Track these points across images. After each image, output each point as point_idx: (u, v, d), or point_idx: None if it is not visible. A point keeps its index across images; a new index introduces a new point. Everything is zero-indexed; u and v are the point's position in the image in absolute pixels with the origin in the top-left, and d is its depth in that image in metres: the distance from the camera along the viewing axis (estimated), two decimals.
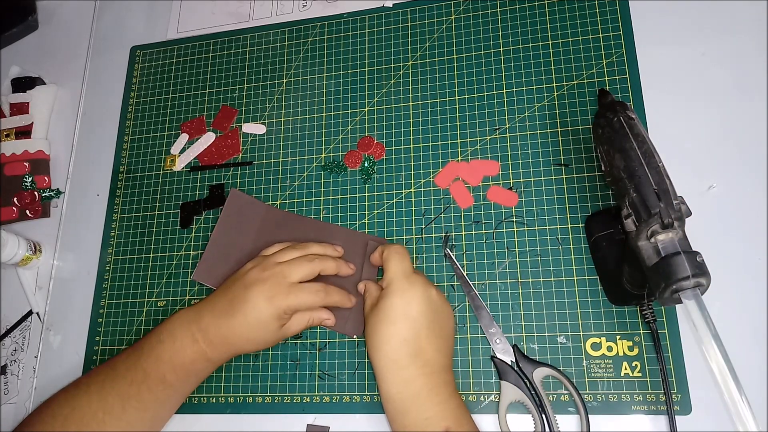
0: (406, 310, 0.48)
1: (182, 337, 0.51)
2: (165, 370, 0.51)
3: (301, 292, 0.52)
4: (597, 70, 0.58)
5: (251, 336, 0.51)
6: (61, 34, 0.78)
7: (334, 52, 0.67)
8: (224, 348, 0.52)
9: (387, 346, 0.47)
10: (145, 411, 0.51)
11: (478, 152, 0.59)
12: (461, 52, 0.63)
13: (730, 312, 0.48)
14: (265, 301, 0.50)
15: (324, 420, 0.54)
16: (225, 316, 0.51)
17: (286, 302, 0.51)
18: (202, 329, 0.51)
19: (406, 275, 0.50)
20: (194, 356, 0.51)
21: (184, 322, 0.52)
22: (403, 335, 0.47)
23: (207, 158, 0.66)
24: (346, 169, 0.62)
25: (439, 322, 0.49)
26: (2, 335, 0.65)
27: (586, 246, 0.53)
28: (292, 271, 0.52)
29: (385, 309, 0.49)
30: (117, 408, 0.50)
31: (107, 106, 0.72)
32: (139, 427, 0.51)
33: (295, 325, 0.53)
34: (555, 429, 0.48)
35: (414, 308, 0.48)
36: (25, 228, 0.68)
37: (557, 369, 0.50)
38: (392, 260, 0.51)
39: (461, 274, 0.55)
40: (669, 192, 0.40)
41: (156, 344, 0.52)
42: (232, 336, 0.51)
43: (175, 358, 0.51)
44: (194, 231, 0.63)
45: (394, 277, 0.50)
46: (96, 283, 0.64)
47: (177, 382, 0.52)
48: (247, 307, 0.51)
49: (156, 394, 0.51)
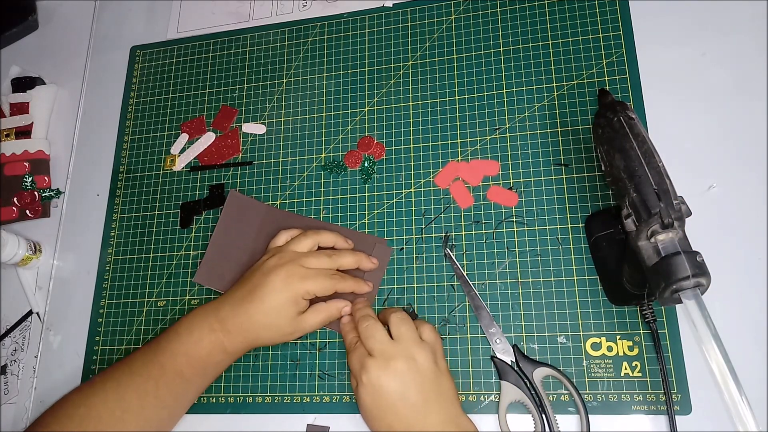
0: (377, 403, 0.47)
1: (200, 329, 0.52)
2: (182, 364, 0.51)
3: (318, 276, 0.52)
4: (597, 70, 0.58)
5: (268, 322, 0.51)
6: (61, 34, 0.78)
7: (334, 52, 0.67)
8: (241, 337, 0.52)
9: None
10: (163, 407, 0.51)
11: (478, 152, 0.59)
12: (461, 52, 0.63)
13: (730, 312, 0.48)
14: (281, 283, 0.51)
15: (324, 420, 0.54)
16: (243, 303, 0.51)
17: (303, 286, 0.51)
18: (220, 319, 0.52)
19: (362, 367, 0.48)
20: (211, 347, 0.51)
21: (203, 314, 0.52)
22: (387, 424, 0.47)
23: (207, 158, 0.66)
24: (346, 169, 0.62)
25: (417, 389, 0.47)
26: (2, 335, 0.65)
27: (586, 246, 0.53)
28: (310, 260, 0.53)
29: (362, 405, 0.48)
30: (135, 405, 0.50)
31: (107, 106, 0.72)
32: (156, 423, 0.51)
33: (312, 318, 0.53)
34: (555, 429, 0.48)
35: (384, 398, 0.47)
36: (25, 228, 0.68)
37: (557, 369, 0.50)
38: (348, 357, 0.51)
39: (461, 274, 0.55)
40: (669, 192, 0.40)
41: (173, 338, 0.52)
42: (249, 323, 0.51)
43: (191, 351, 0.51)
44: (194, 231, 0.63)
45: (354, 374, 0.49)
46: (96, 283, 0.64)
47: (194, 376, 0.52)
48: (264, 291, 0.51)
49: (173, 389, 0.51)
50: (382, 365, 0.47)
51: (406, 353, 0.48)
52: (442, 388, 0.48)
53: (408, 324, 0.50)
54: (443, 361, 0.50)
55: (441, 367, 0.49)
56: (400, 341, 0.49)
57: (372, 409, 0.48)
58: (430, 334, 0.50)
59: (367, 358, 0.48)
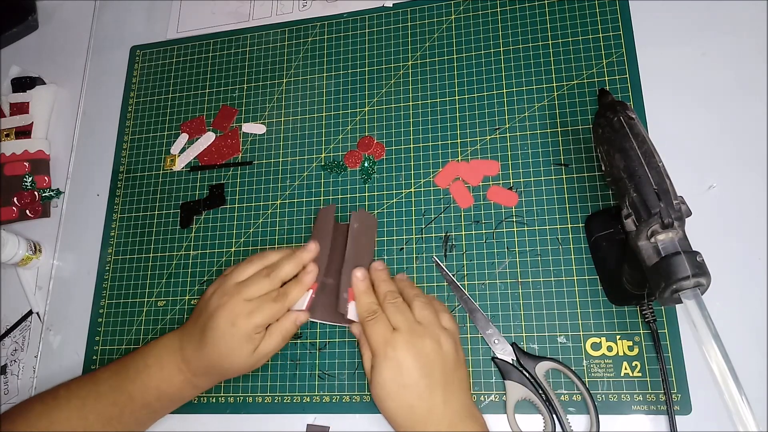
0: (400, 380, 0.46)
1: (169, 366, 0.51)
2: (152, 397, 0.51)
3: (262, 307, 0.50)
4: (597, 70, 0.58)
5: (227, 364, 0.50)
6: (61, 34, 0.78)
7: (334, 52, 0.67)
8: (208, 377, 0.52)
9: (397, 418, 0.47)
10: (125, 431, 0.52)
11: (478, 152, 0.59)
12: (461, 52, 0.63)
13: (730, 312, 0.48)
14: (229, 326, 0.49)
15: (324, 420, 0.54)
16: (200, 347, 0.50)
17: (251, 322, 0.49)
18: (185, 360, 0.51)
19: (386, 342, 0.47)
20: (181, 385, 0.51)
21: (171, 351, 0.52)
22: (407, 403, 0.46)
23: (207, 158, 0.66)
24: (346, 169, 0.62)
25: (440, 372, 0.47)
26: (2, 335, 0.65)
27: (586, 246, 0.53)
28: (250, 290, 0.50)
29: (380, 384, 0.47)
30: (97, 427, 0.50)
31: (107, 106, 0.72)
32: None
33: (270, 344, 0.51)
34: (567, 427, 0.48)
35: (408, 375, 0.46)
36: (25, 228, 0.68)
37: (558, 361, 0.50)
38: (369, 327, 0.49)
39: (451, 280, 0.55)
40: (669, 192, 0.40)
41: (143, 369, 0.51)
42: (210, 366, 0.51)
43: (162, 386, 0.51)
44: (194, 231, 0.63)
45: (376, 347, 0.48)
46: (96, 283, 0.64)
47: (161, 408, 0.53)
48: (214, 335, 0.49)
49: (139, 417, 0.52)
50: (410, 342, 0.47)
51: (433, 336, 0.48)
52: (461, 377, 0.48)
53: (432, 309, 0.49)
54: (462, 351, 0.50)
55: (460, 357, 0.49)
56: (425, 324, 0.48)
57: (391, 385, 0.46)
58: (450, 322, 0.50)
59: (395, 333, 0.47)
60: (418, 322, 0.48)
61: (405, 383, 0.46)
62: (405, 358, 0.46)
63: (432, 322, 0.48)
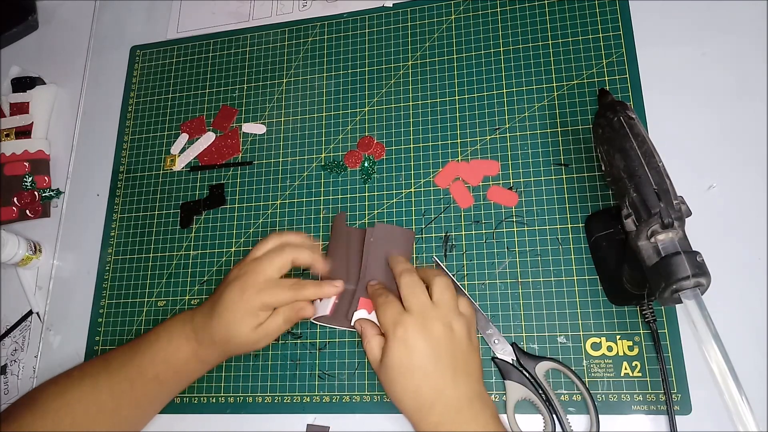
0: (408, 361, 0.46)
1: (178, 337, 0.52)
2: (160, 369, 0.51)
3: (275, 288, 0.51)
4: (597, 70, 0.58)
5: (229, 334, 0.51)
6: (61, 34, 0.78)
7: (334, 52, 0.67)
8: (212, 348, 0.52)
9: (405, 400, 0.46)
10: (136, 407, 0.52)
11: (478, 152, 0.59)
12: (461, 52, 0.63)
13: (730, 312, 0.48)
14: (237, 296, 0.50)
15: (324, 420, 0.54)
16: (209, 314, 0.52)
17: (258, 298, 0.50)
18: (194, 328, 0.52)
19: (396, 323, 0.47)
20: (187, 356, 0.52)
21: (181, 322, 0.53)
22: (415, 385, 0.46)
23: (207, 158, 0.66)
24: (346, 169, 0.62)
25: (450, 355, 0.46)
26: (2, 335, 0.65)
27: (586, 246, 0.53)
28: (264, 266, 0.51)
29: (390, 364, 0.46)
30: (110, 405, 0.50)
31: (107, 106, 0.72)
32: (128, 424, 0.52)
33: (273, 325, 0.52)
34: (565, 422, 0.48)
35: (417, 357, 0.46)
36: (25, 228, 0.68)
37: (558, 361, 0.50)
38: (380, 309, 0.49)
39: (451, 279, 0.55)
40: (669, 192, 0.40)
41: (154, 341, 0.53)
42: (215, 335, 0.51)
43: (170, 358, 0.52)
44: (194, 231, 0.63)
45: (387, 328, 0.48)
46: (96, 283, 0.64)
47: (169, 381, 0.53)
48: (223, 305, 0.51)
49: (149, 391, 0.52)
50: (420, 324, 0.46)
51: (445, 319, 0.47)
52: (472, 362, 0.48)
53: (451, 292, 0.49)
54: (476, 338, 0.50)
55: (474, 343, 0.49)
56: (439, 306, 0.48)
57: (399, 367, 0.46)
58: (467, 307, 0.50)
59: (405, 314, 0.47)
60: (433, 304, 0.48)
61: (413, 365, 0.46)
62: (415, 339, 0.46)
63: (448, 305, 0.48)
